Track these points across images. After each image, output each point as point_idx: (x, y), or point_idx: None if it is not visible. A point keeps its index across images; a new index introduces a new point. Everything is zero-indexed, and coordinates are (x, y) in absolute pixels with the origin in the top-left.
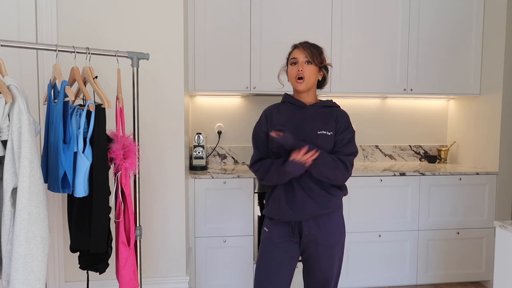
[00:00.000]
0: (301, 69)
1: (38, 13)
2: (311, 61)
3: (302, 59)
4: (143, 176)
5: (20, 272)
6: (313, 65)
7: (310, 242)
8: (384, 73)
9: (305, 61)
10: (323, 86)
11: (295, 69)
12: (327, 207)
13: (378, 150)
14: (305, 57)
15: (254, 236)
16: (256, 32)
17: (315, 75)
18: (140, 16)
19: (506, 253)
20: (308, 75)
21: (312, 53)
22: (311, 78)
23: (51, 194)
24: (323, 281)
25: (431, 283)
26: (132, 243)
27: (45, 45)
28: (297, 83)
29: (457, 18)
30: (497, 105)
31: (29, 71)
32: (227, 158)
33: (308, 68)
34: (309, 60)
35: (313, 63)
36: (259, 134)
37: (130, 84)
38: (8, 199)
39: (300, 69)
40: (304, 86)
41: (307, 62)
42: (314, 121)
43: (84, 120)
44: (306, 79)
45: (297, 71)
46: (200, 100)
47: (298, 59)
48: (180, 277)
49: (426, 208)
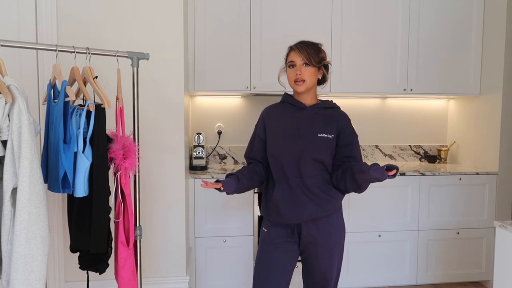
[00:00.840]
0: (299, 73)
1: (38, 13)
2: (308, 63)
3: (299, 62)
4: (143, 176)
5: (20, 272)
6: (311, 66)
7: (309, 243)
8: (384, 73)
9: (302, 64)
10: (323, 83)
11: (293, 73)
12: (327, 209)
13: (378, 150)
14: (301, 60)
15: (254, 236)
16: (256, 32)
17: (314, 76)
18: (140, 16)
19: (506, 253)
20: (307, 77)
21: (309, 54)
22: (310, 80)
23: (51, 194)
24: (323, 281)
25: (431, 283)
26: (131, 243)
27: (45, 45)
28: (297, 85)
29: (457, 18)
30: (497, 105)
31: (29, 71)
32: (227, 158)
33: (306, 70)
34: (306, 62)
35: (311, 64)
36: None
37: (130, 84)
38: (8, 199)
39: (298, 72)
40: (304, 88)
41: (305, 64)
42: (315, 123)
43: (84, 120)
44: (306, 81)
45: (295, 74)
46: (200, 100)
47: (296, 62)
48: (180, 277)
49: (426, 208)
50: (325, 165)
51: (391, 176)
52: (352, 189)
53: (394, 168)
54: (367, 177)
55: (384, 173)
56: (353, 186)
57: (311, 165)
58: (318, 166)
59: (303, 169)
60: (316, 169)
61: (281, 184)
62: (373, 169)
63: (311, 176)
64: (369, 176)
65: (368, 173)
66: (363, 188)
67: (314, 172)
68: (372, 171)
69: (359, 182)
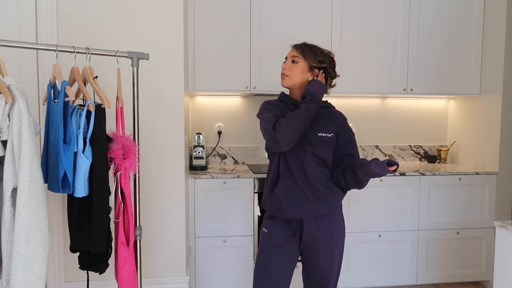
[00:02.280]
0: (284, 67)
1: (38, 13)
2: (299, 60)
3: (289, 58)
4: (143, 176)
5: (20, 272)
6: (302, 64)
7: (311, 243)
8: (384, 73)
9: (291, 60)
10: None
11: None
12: (329, 206)
13: (378, 150)
14: (292, 56)
15: (254, 236)
16: (256, 32)
17: (301, 74)
18: (140, 16)
19: (506, 253)
20: (291, 73)
21: (304, 52)
22: (296, 77)
23: (51, 194)
24: (324, 281)
25: (431, 283)
26: (131, 243)
27: (45, 45)
28: (281, 79)
29: (457, 18)
30: (497, 105)
31: (29, 71)
32: (227, 158)
33: (292, 67)
34: (295, 60)
35: (303, 61)
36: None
37: (130, 84)
38: (8, 199)
39: (284, 67)
40: (288, 83)
41: (293, 62)
42: (313, 122)
43: (84, 120)
44: (290, 76)
45: (282, 68)
46: (200, 100)
47: (287, 57)
48: (180, 277)
49: (426, 208)
50: (327, 164)
51: (391, 171)
52: (353, 185)
53: (395, 163)
54: (368, 172)
55: (385, 168)
56: (354, 182)
57: (313, 162)
58: (320, 163)
59: (306, 164)
60: (319, 166)
61: (285, 178)
62: (374, 163)
63: (314, 173)
64: (370, 170)
65: (369, 167)
66: (364, 183)
67: (317, 169)
68: (373, 165)
69: (360, 177)
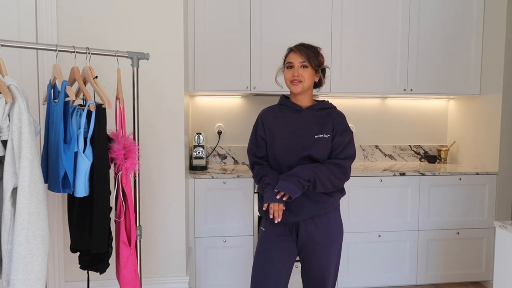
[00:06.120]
0: (296, 74)
1: (38, 13)
2: (308, 65)
3: (298, 64)
4: (143, 176)
5: (20, 272)
6: (310, 68)
7: (308, 241)
8: (384, 73)
9: (300, 65)
10: (319, 87)
11: (291, 74)
12: (325, 208)
13: (378, 150)
14: (300, 62)
15: (254, 236)
16: (256, 32)
17: (311, 78)
18: (140, 16)
19: (506, 253)
20: (304, 79)
21: (309, 57)
22: (307, 82)
23: (51, 194)
24: (321, 279)
25: (431, 283)
26: (133, 243)
27: (45, 45)
28: (293, 86)
29: (457, 18)
30: (497, 105)
31: (29, 71)
32: (227, 158)
33: (304, 72)
34: (304, 64)
35: (310, 66)
36: (257, 138)
37: (130, 84)
38: (8, 199)
39: (295, 74)
40: (300, 88)
41: (303, 66)
42: (311, 125)
43: (84, 120)
44: (303, 82)
45: (292, 75)
46: (200, 100)
47: (294, 63)
48: (180, 277)
49: (426, 208)
50: None
51: (277, 199)
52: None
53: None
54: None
55: (271, 196)
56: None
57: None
58: None
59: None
60: None
61: None
62: (272, 187)
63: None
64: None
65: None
66: (316, 189)
67: None
68: (270, 188)
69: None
